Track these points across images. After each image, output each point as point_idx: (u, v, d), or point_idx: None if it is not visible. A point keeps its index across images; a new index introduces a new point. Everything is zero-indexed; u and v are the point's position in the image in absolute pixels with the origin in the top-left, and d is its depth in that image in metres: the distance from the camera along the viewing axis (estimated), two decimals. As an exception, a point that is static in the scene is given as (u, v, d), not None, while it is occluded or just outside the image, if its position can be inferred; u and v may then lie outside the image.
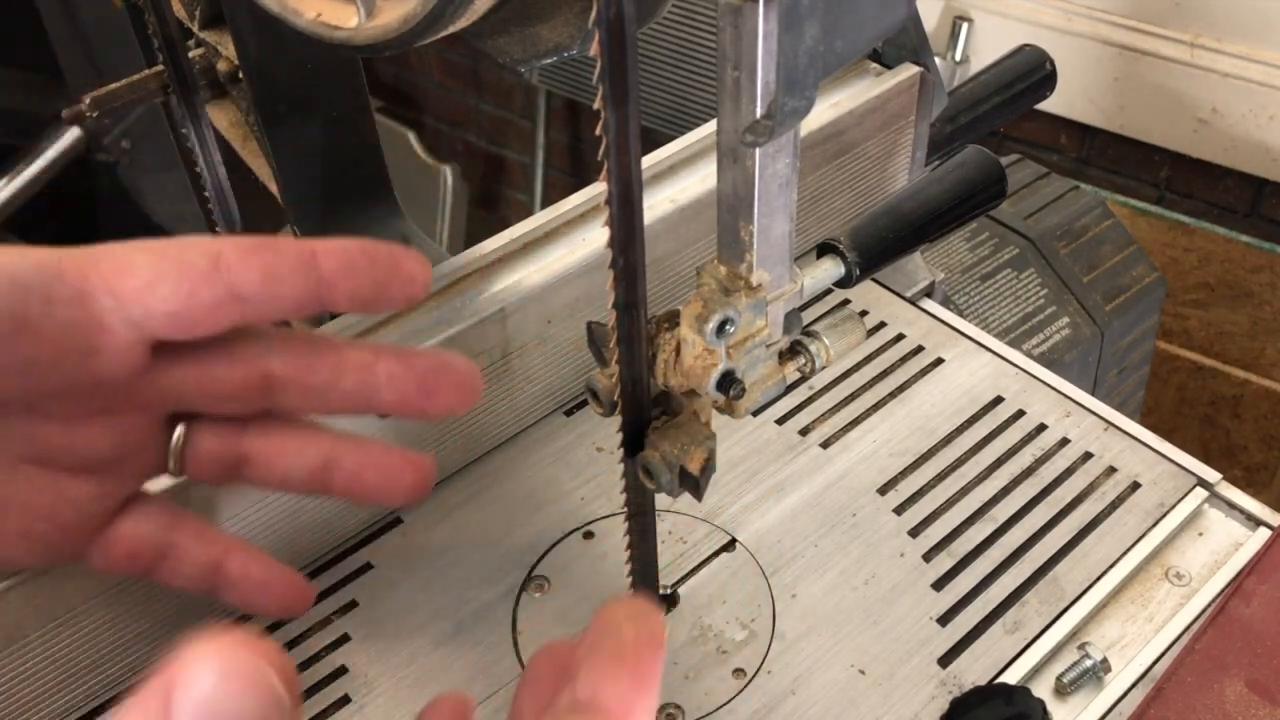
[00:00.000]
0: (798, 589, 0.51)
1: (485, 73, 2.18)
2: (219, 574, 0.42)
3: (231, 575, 0.42)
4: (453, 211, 2.12)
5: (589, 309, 0.56)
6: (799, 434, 0.58)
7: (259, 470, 0.41)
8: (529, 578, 0.52)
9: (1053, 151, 1.59)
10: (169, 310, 0.36)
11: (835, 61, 0.32)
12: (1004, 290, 0.89)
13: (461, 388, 0.41)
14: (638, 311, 0.38)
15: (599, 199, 0.35)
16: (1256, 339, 1.46)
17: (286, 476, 0.42)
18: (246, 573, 0.43)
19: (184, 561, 0.42)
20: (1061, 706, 0.47)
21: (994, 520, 0.53)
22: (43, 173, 1.48)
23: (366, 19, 0.41)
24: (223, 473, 0.41)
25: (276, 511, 0.50)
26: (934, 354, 0.62)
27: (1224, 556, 0.52)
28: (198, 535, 0.42)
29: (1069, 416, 0.58)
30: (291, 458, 0.41)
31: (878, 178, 0.65)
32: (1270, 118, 1.38)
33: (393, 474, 0.42)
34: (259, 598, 0.44)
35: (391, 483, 0.42)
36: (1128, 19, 1.43)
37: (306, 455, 0.41)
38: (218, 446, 0.41)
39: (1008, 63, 0.68)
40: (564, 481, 0.56)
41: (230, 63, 0.65)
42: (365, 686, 0.48)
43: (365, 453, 0.42)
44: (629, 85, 0.32)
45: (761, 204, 0.36)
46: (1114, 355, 0.93)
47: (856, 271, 0.44)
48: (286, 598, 0.44)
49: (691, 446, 0.41)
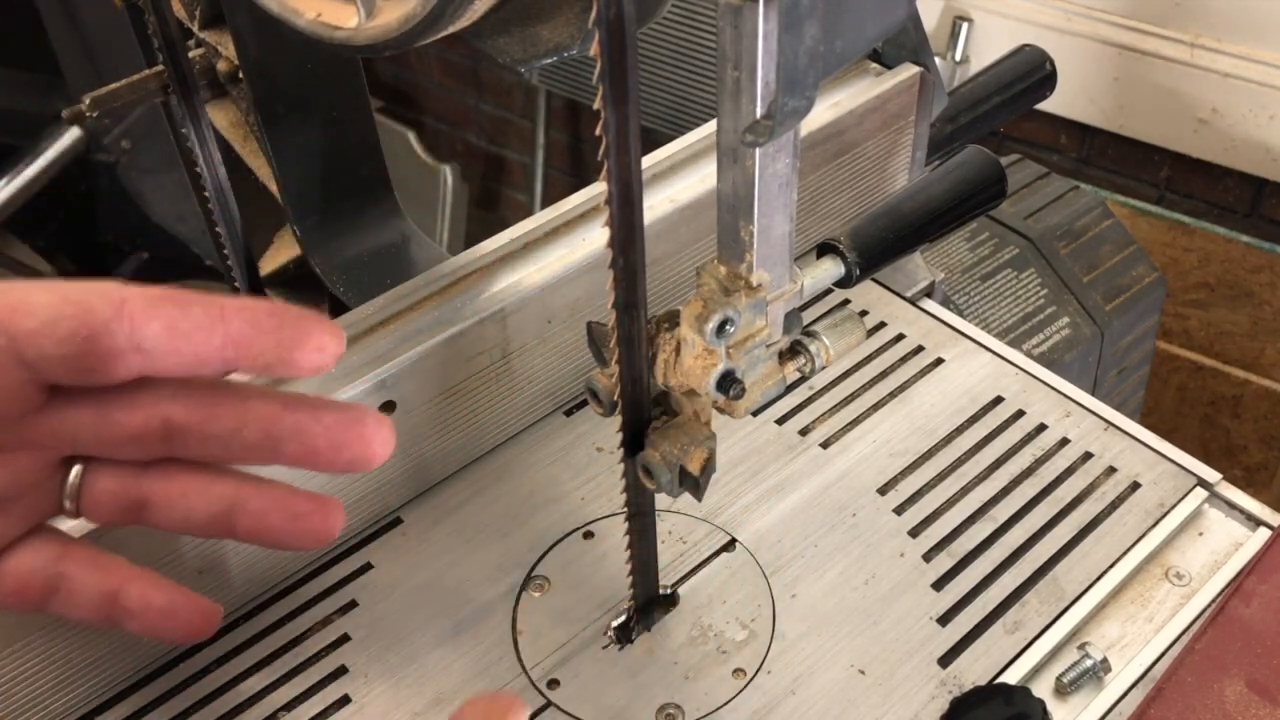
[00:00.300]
0: (798, 589, 0.51)
1: (485, 73, 2.18)
2: (116, 604, 0.41)
3: (131, 605, 0.41)
4: (453, 211, 2.12)
5: (589, 309, 0.56)
6: (799, 434, 0.58)
7: (159, 514, 0.40)
8: (529, 578, 0.52)
9: (1053, 151, 1.59)
10: (63, 355, 0.35)
11: (835, 61, 0.32)
12: (1004, 290, 0.89)
13: (369, 443, 0.40)
14: (638, 311, 0.38)
15: (599, 199, 0.35)
16: (1256, 339, 1.46)
17: (188, 519, 0.40)
18: (147, 601, 0.41)
19: (77, 593, 0.40)
20: (1061, 706, 0.47)
21: (994, 520, 0.53)
22: (43, 173, 1.48)
23: (366, 19, 0.41)
24: (122, 514, 0.40)
25: (276, 511, 0.50)
26: (934, 354, 0.62)
27: (1224, 556, 0.52)
28: (91, 565, 0.41)
29: (1069, 416, 0.58)
30: (193, 500, 0.40)
31: (878, 178, 0.65)
32: (1270, 118, 1.38)
33: (299, 517, 0.41)
34: (163, 626, 0.42)
35: (297, 526, 0.41)
36: (1128, 19, 1.43)
37: (209, 498, 0.40)
38: (116, 488, 0.40)
39: (1008, 63, 0.68)
40: (564, 481, 0.56)
41: (230, 63, 0.65)
42: (365, 686, 0.48)
43: (270, 496, 0.41)
44: (629, 85, 0.32)
45: (761, 204, 0.36)
46: (1114, 355, 0.93)
47: (856, 271, 0.44)
48: (193, 623, 0.42)
49: (691, 446, 0.41)
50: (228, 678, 0.49)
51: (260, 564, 0.51)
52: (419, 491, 0.55)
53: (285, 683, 0.48)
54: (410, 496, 0.55)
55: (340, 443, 0.39)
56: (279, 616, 0.51)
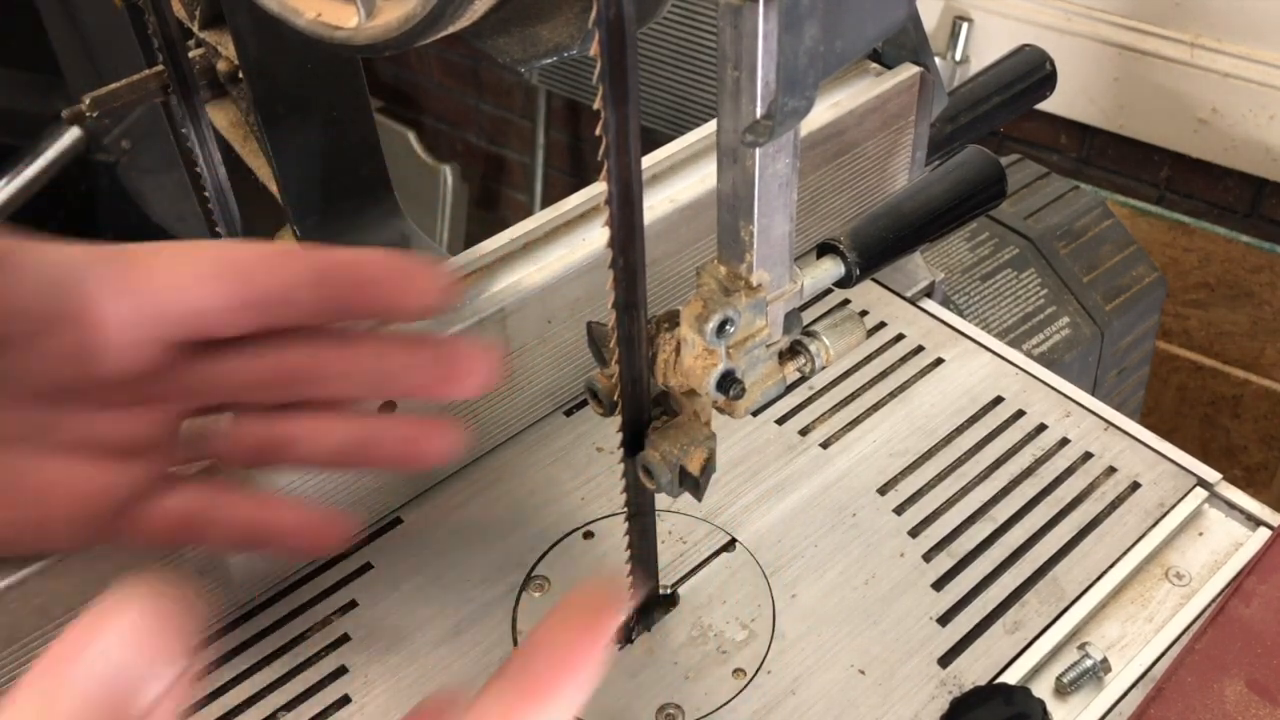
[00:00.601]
0: (798, 589, 0.51)
1: (485, 73, 2.18)
2: (259, 529, 0.44)
3: (273, 527, 0.44)
4: (453, 211, 2.12)
5: (589, 309, 0.56)
6: (799, 434, 0.58)
7: (296, 450, 0.43)
8: (529, 578, 0.52)
9: (1053, 151, 1.59)
10: (191, 312, 0.39)
11: (835, 61, 0.32)
12: (1004, 290, 0.89)
13: (475, 373, 0.43)
14: (638, 311, 0.38)
15: (599, 199, 0.35)
16: (1256, 339, 1.46)
17: (325, 453, 0.43)
18: (286, 522, 0.44)
19: (224, 524, 0.43)
20: (1061, 706, 0.47)
21: (994, 520, 0.53)
22: (43, 173, 1.48)
23: (366, 19, 0.41)
24: (260, 456, 0.43)
25: (276, 511, 0.50)
26: (934, 354, 0.62)
27: (1224, 556, 0.52)
28: (232, 497, 0.44)
29: (1069, 416, 0.58)
30: (327, 434, 0.43)
31: (878, 178, 0.65)
32: (1270, 118, 1.38)
33: (423, 438, 0.44)
34: (303, 543, 0.45)
35: (423, 446, 0.44)
36: (1128, 19, 1.43)
37: (342, 432, 0.43)
38: (254, 431, 0.43)
39: (1008, 63, 0.68)
40: (564, 481, 0.56)
41: (230, 63, 0.65)
42: (365, 686, 0.48)
43: (395, 423, 0.44)
44: (629, 85, 0.32)
45: (761, 204, 0.36)
46: (1114, 355, 0.93)
47: (856, 271, 0.44)
48: (331, 536, 0.45)
49: (691, 446, 0.41)
50: (227, 677, 0.49)
51: (260, 564, 0.51)
52: (419, 491, 0.56)
53: (285, 683, 0.48)
54: (410, 496, 0.55)
55: (451, 373, 0.42)
56: (279, 616, 0.51)
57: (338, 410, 0.44)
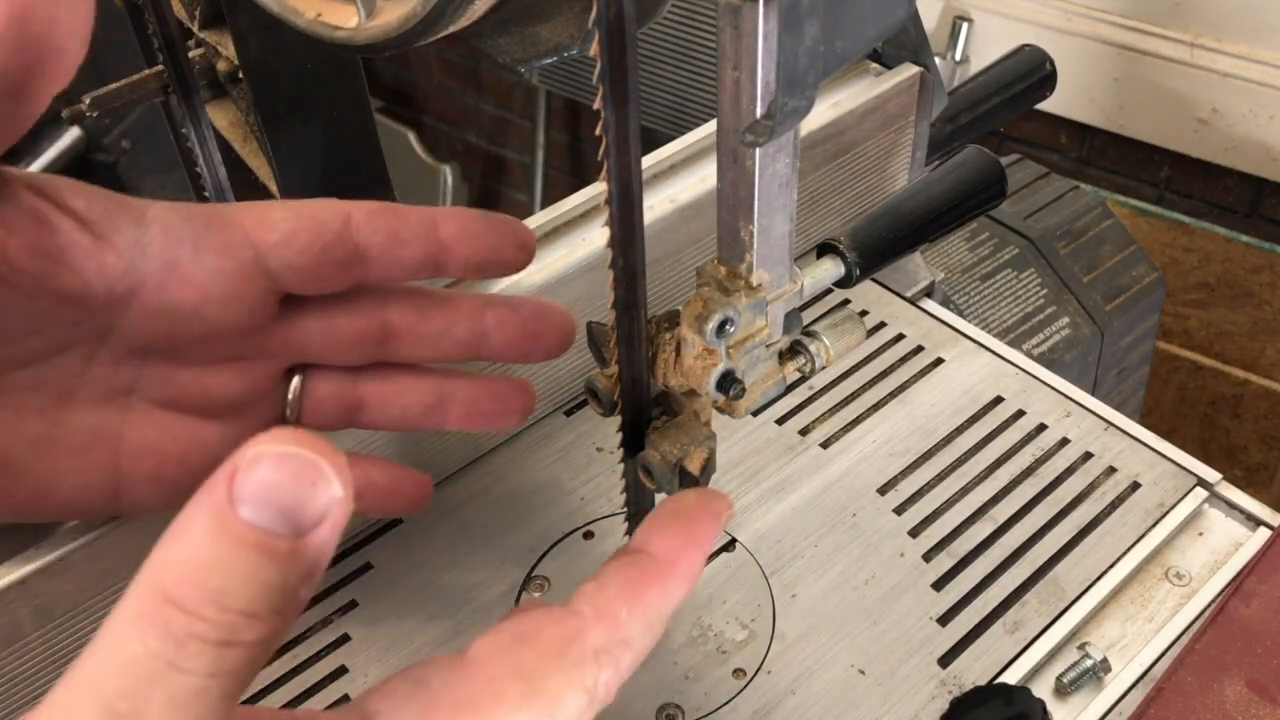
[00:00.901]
0: (798, 589, 0.51)
1: (485, 73, 2.18)
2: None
3: (362, 489, 0.43)
4: (453, 211, 2.12)
5: (589, 309, 0.56)
6: (799, 434, 0.58)
7: (376, 412, 0.43)
8: (529, 578, 0.52)
9: (1053, 151, 1.59)
10: (302, 265, 0.39)
11: (835, 61, 0.32)
12: (1004, 290, 0.89)
13: (562, 332, 0.44)
14: (638, 311, 0.38)
15: (599, 199, 0.35)
16: (1256, 339, 1.46)
17: (404, 415, 0.44)
18: (371, 480, 0.44)
19: None
20: (1061, 706, 0.47)
21: (994, 520, 0.53)
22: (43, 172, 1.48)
23: (366, 19, 0.41)
24: (340, 417, 0.43)
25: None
26: (934, 354, 0.62)
27: (1224, 556, 0.52)
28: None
29: (1069, 416, 0.58)
30: (407, 395, 0.43)
31: (878, 178, 0.65)
32: (1270, 118, 1.38)
33: (502, 397, 0.44)
34: (387, 502, 0.45)
35: (502, 405, 0.44)
36: (1128, 19, 1.43)
37: (421, 393, 0.43)
38: (335, 391, 0.43)
39: (1008, 63, 0.68)
40: (564, 481, 0.56)
41: (230, 63, 0.65)
42: (365, 686, 0.48)
43: (474, 383, 0.44)
44: (629, 85, 0.32)
45: (761, 204, 0.36)
46: (1114, 355, 0.93)
47: (856, 271, 0.44)
48: (413, 495, 0.46)
49: (691, 446, 0.41)
50: (228, 678, 0.49)
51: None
52: (419, 491, 0.55)
53: (285, 683, 0.48)
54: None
55: (536, 332, 0.43)
56: (279, 616, 0.51)
57: (418, 370, 0.44)
